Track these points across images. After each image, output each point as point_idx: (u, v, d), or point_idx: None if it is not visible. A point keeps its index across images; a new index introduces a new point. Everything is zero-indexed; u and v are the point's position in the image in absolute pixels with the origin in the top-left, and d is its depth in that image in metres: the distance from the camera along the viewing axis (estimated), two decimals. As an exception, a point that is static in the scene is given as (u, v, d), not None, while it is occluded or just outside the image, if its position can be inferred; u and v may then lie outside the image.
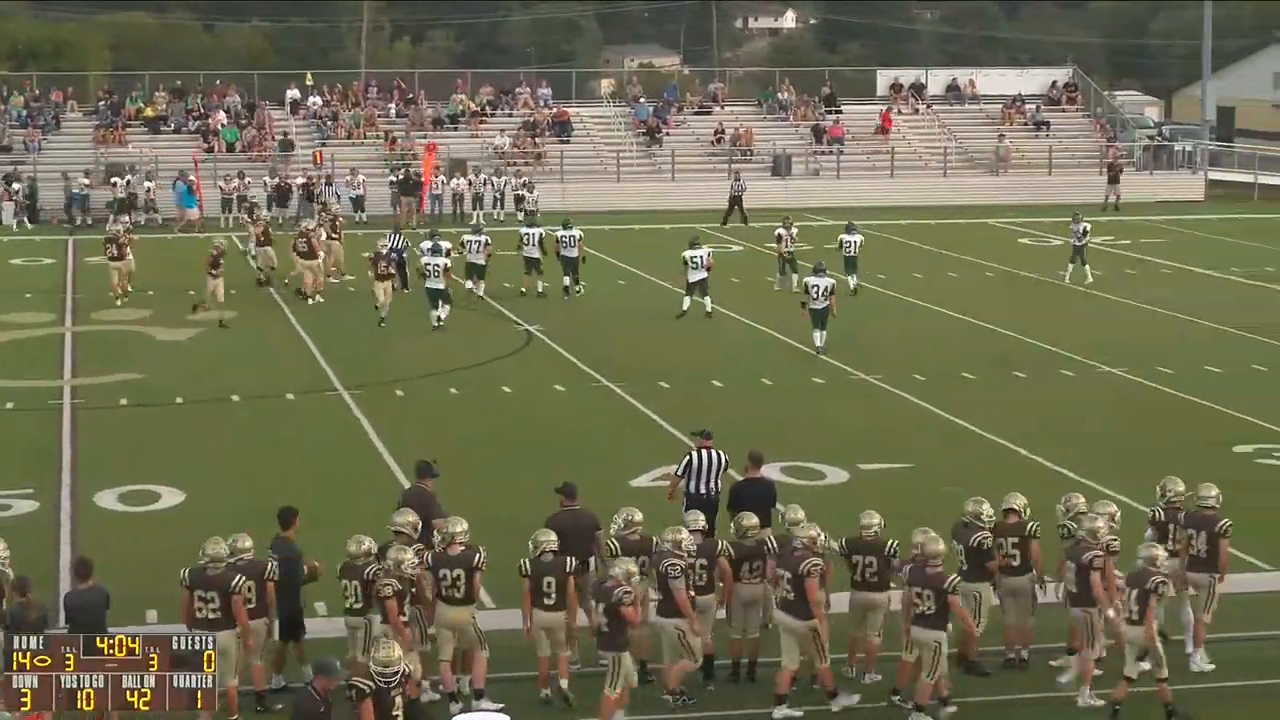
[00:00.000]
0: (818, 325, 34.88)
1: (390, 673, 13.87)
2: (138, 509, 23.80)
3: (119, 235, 42.73)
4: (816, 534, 17.03)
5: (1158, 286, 44.25)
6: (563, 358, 34.86)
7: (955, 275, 46.89)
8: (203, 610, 16.41)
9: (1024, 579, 17.95)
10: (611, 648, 16.39)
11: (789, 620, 16.93)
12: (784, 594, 16.93)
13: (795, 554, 16.95)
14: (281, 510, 17.74)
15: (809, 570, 16.75)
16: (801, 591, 16.76)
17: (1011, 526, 17.93)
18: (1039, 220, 59.40)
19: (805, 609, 16.77)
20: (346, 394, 31.51)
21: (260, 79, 70.50)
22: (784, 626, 17.03)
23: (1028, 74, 76.09)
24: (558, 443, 27.65)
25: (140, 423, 29.50)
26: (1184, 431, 28.80)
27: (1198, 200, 66.57)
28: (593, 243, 45.70)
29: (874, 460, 26.51)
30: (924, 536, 16.86)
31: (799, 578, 16.75)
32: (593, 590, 16.79)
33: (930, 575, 16.65)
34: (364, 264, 40.91)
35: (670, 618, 16.85)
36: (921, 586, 16.66)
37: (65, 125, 65.23)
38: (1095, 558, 17.06)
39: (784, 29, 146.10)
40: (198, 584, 16.51)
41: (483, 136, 65.86)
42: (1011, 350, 35.66)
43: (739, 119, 69.26)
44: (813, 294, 34.82)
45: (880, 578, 17.44)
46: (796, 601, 16.80)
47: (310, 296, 41.23)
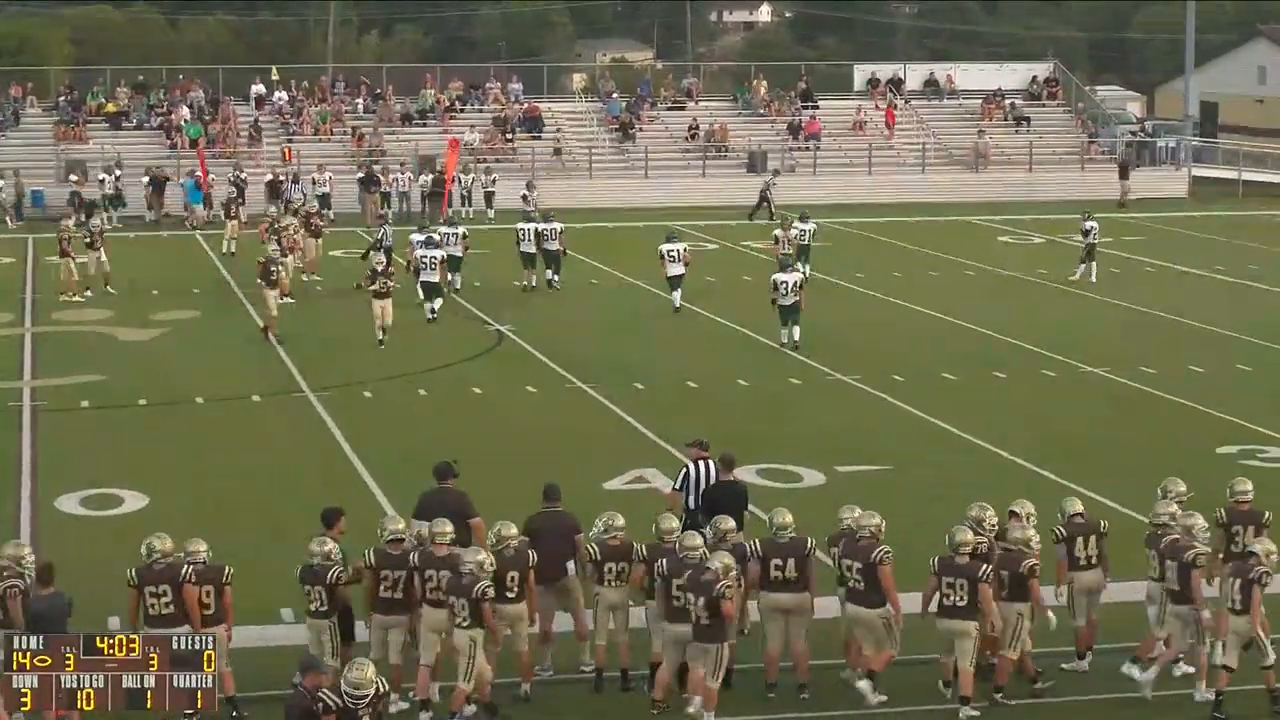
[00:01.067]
0: (787, 321, 35.24)
1: (359, 694, 13.81)
2: (100, 513, 23.71)
3: (99, 230, 42.69)
4: (880, 522, 17.29)
5: (1140, 285, 44.33)
6: (535, 358, 34.82)
7: (935, 274, 46.94)
8: (155, 606, 16.42)
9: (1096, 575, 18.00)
10: (711, 640, 16.51)
11: (860, 611, 17.17)
12: (853, 584, 17.14)
13: (862, 543, 17.16)
14: (325, 512, 17.65)
15: (883, 558, 17.02)
16: (872, 580, 17.01)
17: (1081, 525, 18.01)
18: (1019, 218, 59.51)
19: (876, 597, 17.02)
20: (313, 396, 31.43)
21: (225, 74, 70.34)
22: (855, 618, 17.26)
23: (1007, 69, 76.19)
24: (529, 445, 27.59)
25: (102, 425, 29.41)
26: (1168, 432, 28.86)
27: (1181, 197, 66.74)
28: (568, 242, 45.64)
29: (852, 462, 26.50)
30: (955, 527, 17.20)
31: (871, 566, 17.01)
32: (688, 583, 16.73)
33: (962, 565, 16.89)
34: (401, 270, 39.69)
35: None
36: (953, 576, 16.88)
37: (25, 122, 65.03)
38: (1198, 555, 17.20)
39: (759, 23, 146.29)
40: (146, 580, 16.53)
41: (452, 132, 65.74)
42: (991, 350, 35.71)
43: (714, 114, 69.31)
44: (781, 290, 35.18)
45: (803, 577, 17.53)
46: (867, 591, 17.07)
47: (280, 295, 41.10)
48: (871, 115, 69.78)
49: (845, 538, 17.49)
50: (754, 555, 17.51)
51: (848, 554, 17.30)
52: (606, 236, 53.42)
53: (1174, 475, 19.04)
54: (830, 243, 49.46)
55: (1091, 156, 69.09)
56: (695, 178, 64.47)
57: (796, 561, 17.39)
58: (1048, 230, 56.13)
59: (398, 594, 17.03)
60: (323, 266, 44.47)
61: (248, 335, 37.21)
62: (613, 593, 17.60)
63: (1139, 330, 38.54)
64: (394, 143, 64.44)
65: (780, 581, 17.42)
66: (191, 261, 48.54)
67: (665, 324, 38.64)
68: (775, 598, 17.46)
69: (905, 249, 51.78)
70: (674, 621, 16.88)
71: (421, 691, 16.90)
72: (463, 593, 16.51)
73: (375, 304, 35.71)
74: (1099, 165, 68.35)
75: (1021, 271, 46.90)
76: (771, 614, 17.54)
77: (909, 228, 56.38)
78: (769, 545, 17.53)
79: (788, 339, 35.29)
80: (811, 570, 17.47)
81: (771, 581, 17.45)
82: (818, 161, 66.55)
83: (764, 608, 17.61)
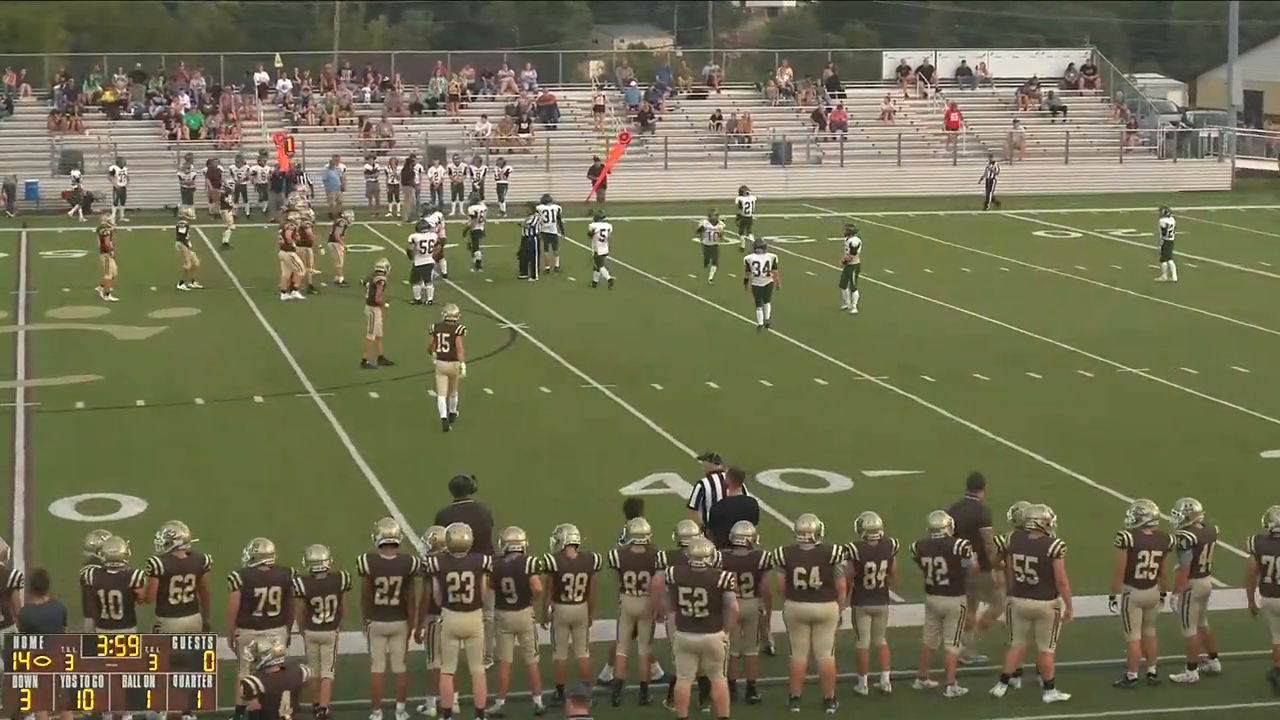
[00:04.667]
0: (760, 301, 36.90)
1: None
2: (96, 518, 23.69)
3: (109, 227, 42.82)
4: (1050, 514, 17.79)
5: (1181, 281, 44.23)
6: (549, 357, 34.84)
7: (967, 270, 46.91)
8: (178, 595, 16.79)
9: (1153, 592, 18.09)
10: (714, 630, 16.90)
11: (1030, 603, 17.59)
12: (1025, 578, 17.53)
13: (1034, 537, 17.63)
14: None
15: (1059, 551, 17.50)
16: (1046, 573, 17.47)
17: (1150, 538, 18.05)
18: (1055, 211, 59.43)
19: (1049, 589, 17.49)
20: (318, 396, 31.48)
21: (226, 61, 70.45)
22: (1022, 611, 17.65)
23: (1043, 56, 76.16)
24: (543, 448, 27.62)
25: (99, 427, 29.46)
26: (1209, 436, 28.79)
27: (1224, 189, 66.62)
28: (580, 235, 45.69)
29: (880, 467, 26.48)
30: (1024, 504, 17.89)
31: (1048, 560, 17.46)
32: (693, 580, 16.92)
33: (1034, 541, 17.50)
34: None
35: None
36: (1024, 554, 17.50)
37: (18, 111, 65.17)
38: None
39: (783, 8, 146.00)
40: (173, 570, 16.85)
41: (463, 122, 65.85)
42: (1026, 349, 35.67)
43: (736, 104, 69.30)
44: (754, 270, 36.84)
45: (952, 580, 17.79)
46: (1040, 584, 17.50)
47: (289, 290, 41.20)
48: (902, 105, 69.76)
49: (1016, 533, 17.88)
50: (777, 563, 17.54)
51: (1017, 549, 17.70)
52: (624, 231, 53.33)
53: (1218, 480, 19.05)
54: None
55: (1130, 148, 68.99)
56: (717, 169, 64.44)
57: (821, 569, 17.41)
58: (1084, 225, 56.07)
59: (394, 600, 17.12)
60: (323, 263, 44.24)
61: (248, 334, 37.27)
62: (635, 602, 17.61)
63: (1179, 329, 38.47)
64: (403, 133, 64.48)
65: (805, 590, 17.44)
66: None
67: (684, 322, 38.63)
68: (801, 607, 17.46)
69: (935, 244, 51.75)
70: (685, 630, 16.91)
71: (447, 700, 17.00)
72: (509, 571, 17.06)
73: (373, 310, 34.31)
74: (1138, 157, 68.27)
75: (1058, 268, 46.84)
76: (796, 625, 17.55)
77: (940, 222, 56.36)
78: (792, 553, 17.55)
79: (765, 317, 36.81)
80: (838, 579, 17.49)
81: (796, 590, 17.48)
82: (844, 152, 66.52)
83: (789, 618, 17.62)
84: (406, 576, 17.14)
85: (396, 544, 17.30)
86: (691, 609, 16.84)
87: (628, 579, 17.61)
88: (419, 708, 17.25)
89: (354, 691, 17.17)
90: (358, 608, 17.18)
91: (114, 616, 16.57)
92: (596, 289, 43.12)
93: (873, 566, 17.70)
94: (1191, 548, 17.98)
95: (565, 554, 17.50)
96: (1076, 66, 73.71)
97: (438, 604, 17.07)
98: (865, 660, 17.87)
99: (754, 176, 60.47)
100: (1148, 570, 17.86)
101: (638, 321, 39.02)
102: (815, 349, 35.29)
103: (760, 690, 17.71)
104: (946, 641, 17.84)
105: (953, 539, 17.82)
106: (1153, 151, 69.02)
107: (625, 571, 17.62)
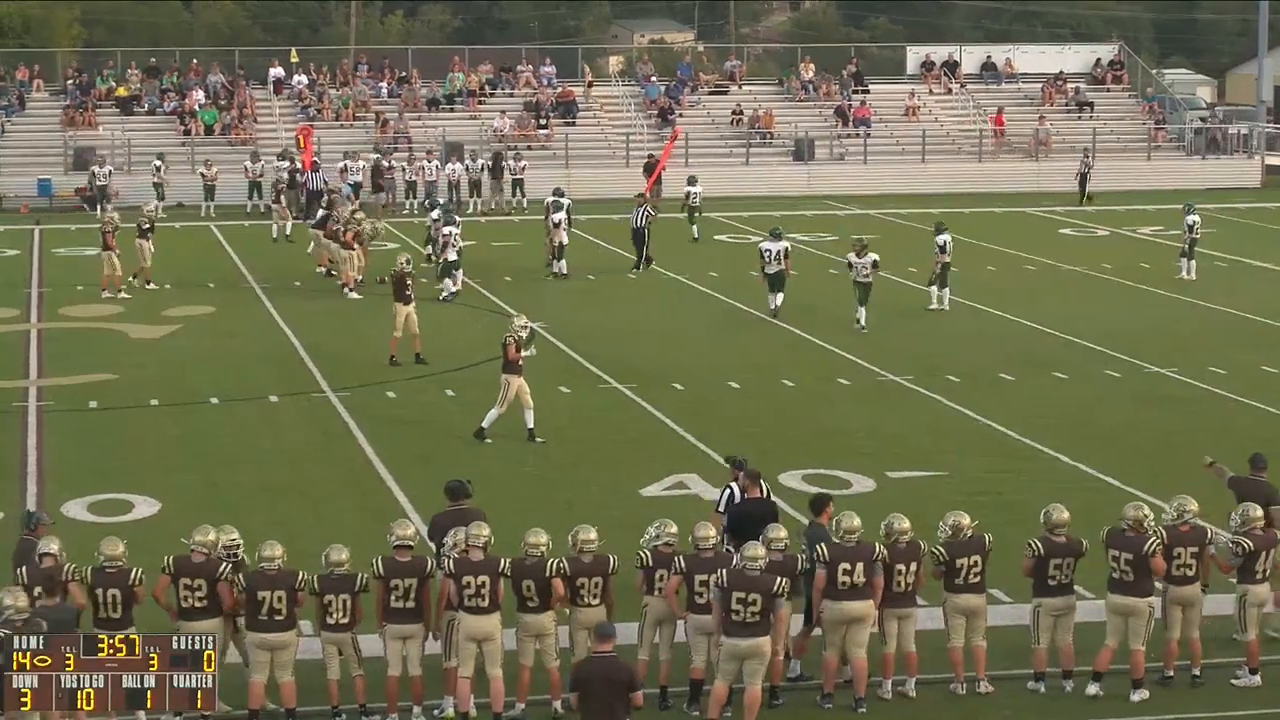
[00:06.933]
0: (774, 289, 38.05)
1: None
2: (109, 519, 23.73)
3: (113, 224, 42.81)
4: (1147, 514, 18.03)
5: (1211, 279, 44.14)
6: (568, 356, 34.81)
7: (993, 268, 46.84)
8: (189, 599, 16.98)
9: (1195, 588, 18.21)
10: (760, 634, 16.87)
11: (1126, 600, 17.81)
12: (1120, 575, 17.78)
13: (1130, 535, 17.83)
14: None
15: (1155, 549, 17.74)
16: (1143, 570, 17.74)
17: (1186, 534, 18.11)
18: (1082, 209, 59.30)
19: (1145, 586, 17.80)
20: (334, 396, 31.48)
21: (241, 56, 70.54)
22: (1117, 608, 17.85)
23: (1070, 51, 76.06)
24: (562, 449, 27.60)
25: (112, 427, 29.49)
26: (1237, 437, 28.65)
27: (1254, 187, 66.46)
28: (599, 232, 45.71)
29: (904, 468, 26.45)
30: (1056, 507, 18.09)
31: (1143, 557, 17.70)
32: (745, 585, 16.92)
33: (1130, 538, 17.79)
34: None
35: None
36: (1119, 550, 17.78)
37: (31, 106, 65.29)
38: None
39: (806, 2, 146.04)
40: (183, 573, 17.02)
41: (481, 118, 65.87)
42: (1052, 349, 35.61)
43: (758, 99, 69.27)
44: (766, 258, 37.98)
45: (983, 578, 17.95)
46: (1136, 581, 17.77)
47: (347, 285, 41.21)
48: (926, 100, 69.69)
49: (1110, 530, 18.10)
50: (820, 560, 17.53)
51: (1114, 545, 17.90)
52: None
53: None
54: (880, 235, 49.44)
55: (1159, 144, 68.88)
56: (739, 166, 64.43)
57: (865, 566, 17.44)
58: (1112, 222, 55.96)
59: (410, 603, 17.13)
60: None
61: (263, 332, 37.31)
62: (662, 604, 17.61)
63: (1208, 328, 38.38)
64: (419, 129, 64.51)
65: (849, 588, 17.45)
66: (205, 253, 48.67)
67: (705, 320, 38.61)
68: (842, 606, 17.48)
69: (960, 241, 51.56)
70: (732, 636, 16.86)
71: (465, 704, 17.04)
72: (530, 574, 17.04)
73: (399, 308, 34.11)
74: (1166, 154, 68.13)
75: (1084, 266, 46.76)
76: (835, 625, 17.57)
77: (964, 219, 56.21)
78: (836, 550, 17.55)
79: (777, 304, 37.84)
80: (876, 576, 17.51)
81: (839, 588, 17.48)
82: (868, 149, 66.45)
83: (828, 618, 17.62)
84: (422, 579, 17.15)
85: (411, 546, 17.30)
86: (744, 614, 16.80)
87: (659, 577, 17.57)
88: (435, 711, 17.27)
89: (371, 694, 17.18)
90: (373, 611, 17.19)
91: (112, 615, 16.69)
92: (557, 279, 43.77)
93: (902, 569, 17.67)
94: (1247, 554, 18.12)
95: (579, 557, 17.48)
96: (1104, 62, 73.58)
97: (454, 606, 17.10)
98: (891, 663, 17.84)
99: (776, 173, 60.52)
100: (1184, 567, 17.98)
101: (658, 320, 39.00)
102: (837, 348, 35.26)
103: (782, 694, 17.69)
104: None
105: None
106: (1181, 148, 68.91)
107: (658, 569, 17.57)
